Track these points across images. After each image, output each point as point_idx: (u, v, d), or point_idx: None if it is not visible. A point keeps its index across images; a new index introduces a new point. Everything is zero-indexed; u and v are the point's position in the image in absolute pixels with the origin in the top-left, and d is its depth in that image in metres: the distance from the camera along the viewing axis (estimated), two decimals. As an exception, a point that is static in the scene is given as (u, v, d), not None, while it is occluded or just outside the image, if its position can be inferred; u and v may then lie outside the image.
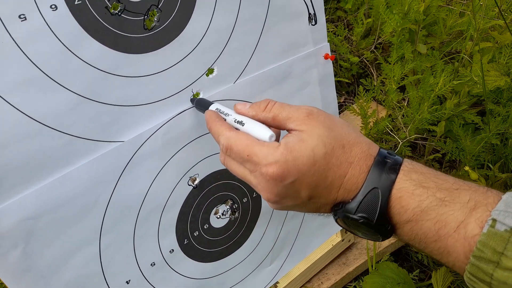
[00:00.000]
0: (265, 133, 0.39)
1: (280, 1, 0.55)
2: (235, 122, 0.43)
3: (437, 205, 0.36)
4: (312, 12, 0.59)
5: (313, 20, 0.60)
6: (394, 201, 0.37)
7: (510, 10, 1.25)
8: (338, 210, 0.39)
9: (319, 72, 0.63)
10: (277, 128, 0.42)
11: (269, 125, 0.41)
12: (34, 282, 0.45)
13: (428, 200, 0.36)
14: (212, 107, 0.47)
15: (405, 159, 0.40)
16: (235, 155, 0.40)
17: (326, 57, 0.63)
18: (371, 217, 0.37)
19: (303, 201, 0.40)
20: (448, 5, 1.27)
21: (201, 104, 0.49)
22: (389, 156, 0.39)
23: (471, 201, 0.35)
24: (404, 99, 1.11)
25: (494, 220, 0.32)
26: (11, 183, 0.41)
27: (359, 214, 0.38)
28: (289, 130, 0.40)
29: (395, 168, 0.38)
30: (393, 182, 0.37)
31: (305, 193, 0.39)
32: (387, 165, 0.38)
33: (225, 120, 0.44)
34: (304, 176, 0.38)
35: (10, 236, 0.42)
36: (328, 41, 0.64)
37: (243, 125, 0.42)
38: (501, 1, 1.23)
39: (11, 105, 0.38)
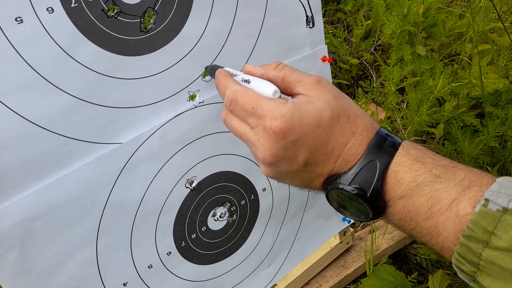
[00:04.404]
0: (269, 87, 0.39)
1: (277, 4, 0.55)
2: (242, 81, 0.42)
3: (432, 181, 0.36)
4: (309, 14, 0.59)
5: (311, 23, 0.60)
6: (390, 175, 0.37)
7: (510, 12, 1.25)
8: (331, 182, 0.39)
9: (317, 75, 0.63)
10: (285, 90, 0.41)
11: (277, 86, 0.41)
12: (31, 284, 0.45)
13: (424, 176, 0.36)
14: (225, 68, 0.47)
15: (404, 140, 0.40)
16: (239, 108, 0.39)
17: (323, 59, 0.63)
18: (366, 189, 0.37)
19: (299, 167, 0.39)
20: (448, 6, 1.27)
21: (213, 69, 0.49)
22: (390, 134, 0.39)
23: (466, 180, 0.35)
24: (403, 101, 1.11)
25: (487, 200, 0.32)
26: (9, 185, 0.41)
27: (354, 185, 0.37)
28: (296, 93, 0.40)
29: (395, 145, 0.38)
30: (392, 156, 0.37)
31: (303, 156, 0.38)
32: (387, 141, 0.38)
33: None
34: (307, 137, 0.37)
35: (7, 238, 0.42)
36: (328, 43, 0.64)
37: (249, 83, 0.41)
38: (501, 3, 1.23)
39: (8, 107, 0.38)
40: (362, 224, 0.97)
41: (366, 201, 0.37)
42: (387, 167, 0.37)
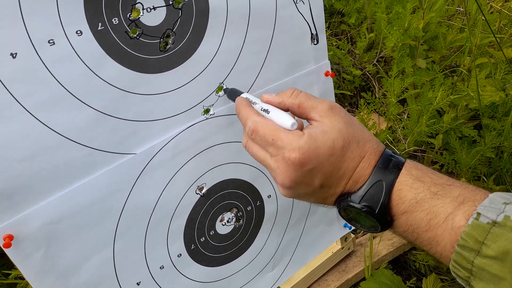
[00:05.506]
0: (288, 120, 0.43)
1: (285, 23, 0.59)
2: (261, 110, 0.46)
3: (430, 198, 0.40)
4: (314, 32, 0.63)
5: (315, 40, 0.64)
6: (395, 193, 0.41)
7: (510, 25, 1.28)
8: (343, 200, 0.43)
9: (320, 88, 0.67)
10: (300, 115, 0.45)
11: (294, 112, 0.45)
12: (54, 282, 0.48)
13: (423, 193, 0.40)
14: (243, 95, 0.50)
15: (407, 159, 0.44)
16: (260, 138, 0.43)
17: (326, 74, 0.67)
18: (374, 207, 0.41)
19: (314, 189, 0.43)
20: (449, 20, 1.31)
21: (232, 94, 0.53)
22: (394, 155, 0.44)
23: (460, 196, 0.39)
24: (404, 112, 1.15)
25: (479, 214, 0.36)
26: (37, 191, 0.45)
27: (363, 203, 0.41)
28: (311, 119, 0.44)
29: (399, 165, 0.42)
30: (396, 176, 0.41)
31: (318, 181, 0.42)
32: (392, 162, 0.42)
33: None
34: (321, 165, 0.41)
35: (34, 239, 0.46)
36: (332, 54, 0.68)
37: (268, 113, 0.45)
38: (501, 17, 1.26)
39: (39, 120, 0.42)
40: (363, 231, 1.01)
41: (374, 217, 0.41)
42: (392, 186, 0.41)
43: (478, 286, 0.36)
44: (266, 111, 0.45)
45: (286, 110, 0.46)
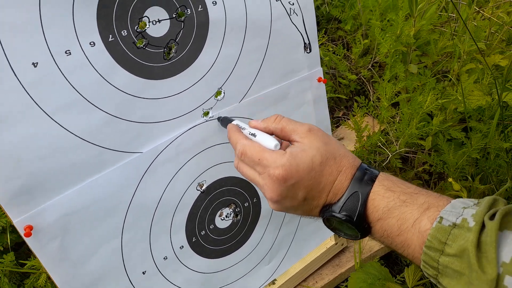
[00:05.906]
0: (271, 141, 0.49)
1: (279, 34, 0.63)
2: (249, 134, 0.52)
3: (400, 205, 0.45)
4: (307, 42, 0.68)
5: (308, 49, 0.69)
6: (369, 202, 0.46)
7: (499, 30, 1.33)
8: (326, 211, 0.48)
9: (313, 94, 0.72)
10: (284, 138, 0.51)
11: (277, 135, 0.51)
12: (69, 270, 0.53)
13: (394, 201, 0.45)
14: (233, 123, 0.57)
15: (381, 172, 0.49)
16: (248, 159, 0.49)
17: (319, 80, 0.72)
18: (352, 215, 0.46)
19: (299, 202, 0.48)
20: (442, 26, 1.36)
21: (224, 121, 0.60)
22: (369, 168, 0.49)
23: (426, 203, 0.44)
24: (397, 115, 1.19)
25: (442, 218, 0.41)
26: (54, 186, 0.49)
27: (343, 213, 0.46)
28: (293, 141, 0.50)
29: (373, 177, 0.47)
30: (370, 187, 0.47)
31: (301, 194, 0.47)
32: (366, 175, 0.48)
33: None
34: (303, 180, 0.47)
35: (51, 230, 0.50)
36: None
37: (255, 137, 0.51)
38: (491, 23, 1.31)
39: (57, 123, 0.47)
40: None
41: (353, 224, 0.46)
42: (367, 196, 0.46)
43: (444, 282, 0.41)
44: (253, 135, 0.51)
45: (271, 134, 0.51)
